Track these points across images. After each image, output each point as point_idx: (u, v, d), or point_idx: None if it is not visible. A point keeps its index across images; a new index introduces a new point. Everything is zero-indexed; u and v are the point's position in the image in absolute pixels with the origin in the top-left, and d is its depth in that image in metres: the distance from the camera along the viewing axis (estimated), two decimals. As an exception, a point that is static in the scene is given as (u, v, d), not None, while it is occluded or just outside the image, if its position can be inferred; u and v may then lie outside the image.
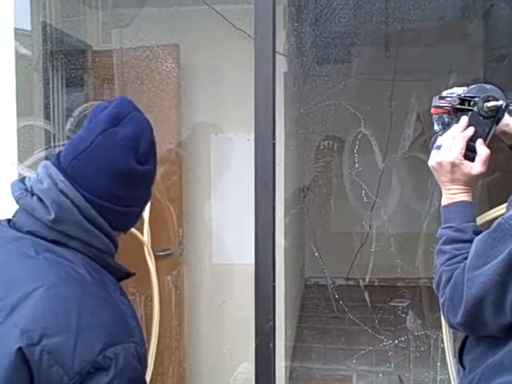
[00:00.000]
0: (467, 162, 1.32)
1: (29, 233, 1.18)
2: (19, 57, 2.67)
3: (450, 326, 1.29)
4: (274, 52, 1.58)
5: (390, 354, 3.60)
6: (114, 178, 1.19)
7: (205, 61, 3.16)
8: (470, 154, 1.34)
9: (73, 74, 3.19)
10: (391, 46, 3.96)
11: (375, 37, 3.69)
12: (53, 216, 1.15)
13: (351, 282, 4.78)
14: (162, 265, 3.05)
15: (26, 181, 1.24)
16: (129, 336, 1.13)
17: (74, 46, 3.26)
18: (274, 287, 1.63)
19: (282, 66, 3.21)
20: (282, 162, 3.26)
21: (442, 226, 1.34)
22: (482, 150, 1.33)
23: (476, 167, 1.32)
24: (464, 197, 1.33)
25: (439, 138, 1.38)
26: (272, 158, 1.60)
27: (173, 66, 3.03)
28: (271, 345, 1.61)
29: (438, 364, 3.18)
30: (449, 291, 1.23)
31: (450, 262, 1.26)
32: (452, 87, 1.43)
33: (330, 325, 4.27)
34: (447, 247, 1.29)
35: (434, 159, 1.36)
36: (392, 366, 3.61)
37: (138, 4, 3.27)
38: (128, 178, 1.20)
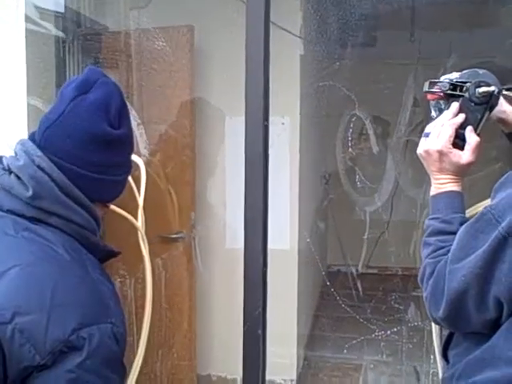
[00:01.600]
0: (456, 151, 1.26)
1: (9, 211, 1.16)
2: (34, 34, 2.67)
3: (434, 321, 1.23)
4: (268, 25, 1.52)
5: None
6: (87, 143, 1.17)
7: (220, 43, 3.11)
8: (459, 142, 1.27)
9: (89, 55, 3.18)
10: (415, 30, 3.84)
11: (397, 20, 3.58)
12: (31, 192, 1.14)
13: (374, 271, 4.73)
14: (171, 248, 3.05)
15: (4, 159, 1.22)
16: (106, 316, 1.11)
17: (92, 27, 3.26)
18: (264, 272, 1.59)
19: (298, 48, 3.14)
20: (296, 147, 3.21)
21: (429, 216, 1.28)
22: (472, 137, 1.26)
23: (465, 156, 1.26)
24: (453, 187, 1.26)
25: (428, 126, 1.32)
26: (263, 141, 1.54)
27: (187, 47, 2.99)
28: (259, 331, 1.57)
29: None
30: (431, 284, 1.18)
31: (434, 254, 1.21)
32: (451, 69, 1.37)
33: (348, 314, 4.21)
34: (432, 239, 1.24)
35: (421, 147, 1.30)
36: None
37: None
38: (102, 142, 1.19)
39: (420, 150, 1.30)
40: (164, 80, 3.00)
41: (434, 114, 1.38)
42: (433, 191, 1.30)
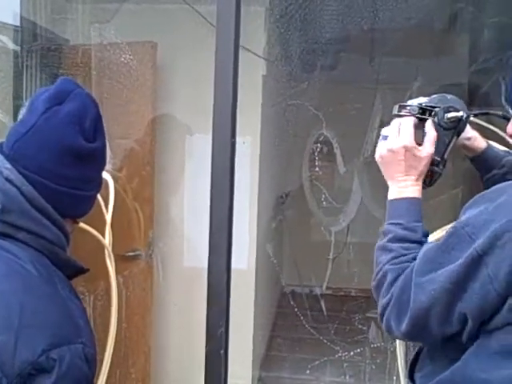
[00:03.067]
0: (419, 146, 1.26)
1: None
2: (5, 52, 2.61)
3: (390, 332, 1.17)
4: (237, 46, 1.53)
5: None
6: (60, 157, 1.13)
7: (182, 59, 3.12)
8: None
9: (49, 69, 3.14)
10: (375, 54, 3.93)
11: (357, 44, 3.66)
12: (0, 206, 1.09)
13: (329, 292, 4.75)
14: (131, 266, 3.00)
15: None
16: (77, 336, 1.07)
17: (52, 41, 3.21)
18: (228, 293, 1.57)
19: (260, 68, 3.17)
20: (256, 166, 3.22)
21: (389, 221, 1.25)
22: (430, 132, 1.27)
23: (425, 148, 1.26)
24: (414, 192, 1.25)
25: (383, 129, 1.33)
26: (230, 159, 1.54)
27: (149, 63, 2.98)
28: (222, 351, 1.55)
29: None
30: (396, 292, 1.13)
31: (396, 260, 1.17)
32: (417, 91, 1.39)
33: (304, 334, 4.22)
34: (394, 245, 1.20)
35: (383, 148, 1.28)
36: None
37: (119, 0, 3.23)
38: (76, 156, 1.14)
39: (382, 152, 1.29)
40: (126, 95, 2.98)
41: None
42: (392, 195, 1.27)
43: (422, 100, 1.33)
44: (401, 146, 1.25)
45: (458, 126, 1.30)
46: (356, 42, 3.57)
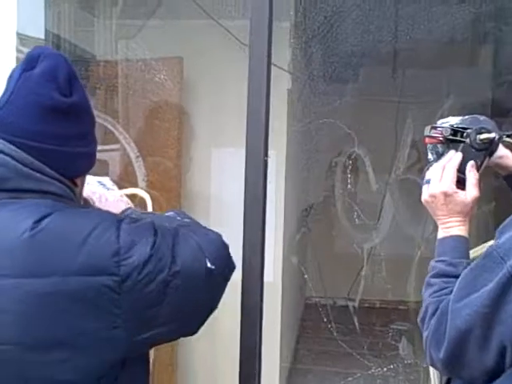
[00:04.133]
0: (460, 191, 1.29)
1: None
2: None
3: (432, 363, 1.20)
4: (269, 66, 1.55)
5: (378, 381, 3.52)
6: (41, 116, 1.13)
7: (207, 75, 3.15)
8: (459, 185, 1.31)
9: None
10: (398, 67, 3.94)
11: (382, 57, 3.67)
12: None
13: (353, 303, 4.73)
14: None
15: None
16: None
17: (79, 56, 3.26)
18: (261, 307, 1.59)
19: (285, 82, 3.19)
20: (282, 180, 3.23)
21: (436, 258, 1.30)
22: (471, 174, 1.30)
23: (469, 192, 1.29)
24: (460, 231, 1.29)
25: (426, 172, 1.35)
26: (263, 176, 1.56)
27: (175, 79, 3.02)
28: (257, 367, 1.56)
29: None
30: (434, 324, 1.17)
31: (437, 293, 1.21)
32: (449, 109, 1.40)
33: (328, 346, 4.20)
34: (436, 280, 1.25)
35: (426, 193, 1.33)
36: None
37: (145, 16, 3.27)
38: (56, 112, 1.15)
39: (425, 196, 1.33)
40: (152, 110, 3.01)
41: (430, 156, 1.41)
42: (440, 235, 1.32)
43: (454, 121, 1.35)
44: (441, 192, 1.29)
45: (490, 146, 1.31)
46: (382, 56, 3.58)
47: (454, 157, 1.32)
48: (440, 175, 1.30)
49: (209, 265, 1.14)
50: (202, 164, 3.25)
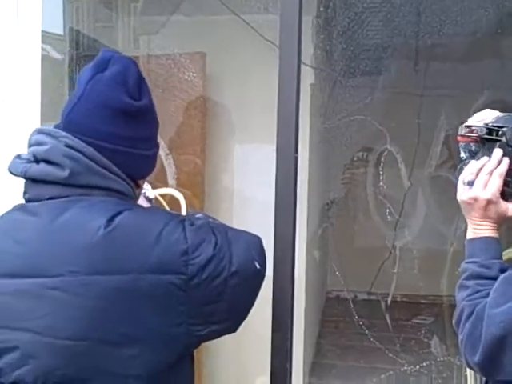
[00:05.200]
0: (503, 202, 1.27)
1: (50, 199, 1.14)
2: (50, 60, 2.67)
3: (468, 366, 1.21)
4: (299, 63, 1.54)
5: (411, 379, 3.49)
6: (111, 117, 1.16)
7: (231, 70, 3.14)
8: (505, 189, 1.28)
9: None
10: (420, 61, 3.89)
11: (404, 51, 3.63)
12: (68, 171, 1.12)
13: (373, 297, 4.72)
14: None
15: (22, 155, 1.20)
16: None
17: (98, 50, 3.26)
18: (292, 305, 1.58)
19: (308, 77, 3.17)
20: (305, 175, 3.22)
21: (466, 260, 1.28)
22: None
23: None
24: (491, 233, 1.27)
25: (466, 170, 1.32)
26: (294, 172, 1.56)
27: (198, 74, 3.02)
28: (288, 365, 1.56)
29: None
30: (468, 327, 1.17)
31: (471, 297, 1.20)
32: (484, 105, 1.38)
33: (351, 341, 4.19)
34: (470, 282, 1.23)
35: (466, 194, 1.29)
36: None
37: (167, 12, 3.27)
38: (125, 115, 1.17)
39: (464, 197, 1.29)
40: (175, 106, 3.01)
41: (463, 155, 1.38)
42: (470, 235, 1.30)
43: (488, 119, 1.32)
44: (484, 199, 1.26)
45: None
46: (411, 50, 3.54)
47: (502, 163, 1.28)
48: (486, 181, 1.27)
49: (257, 266, 1.17)
50: (225, 160, 3.25)
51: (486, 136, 1.29)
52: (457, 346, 1.25)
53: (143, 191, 1.43)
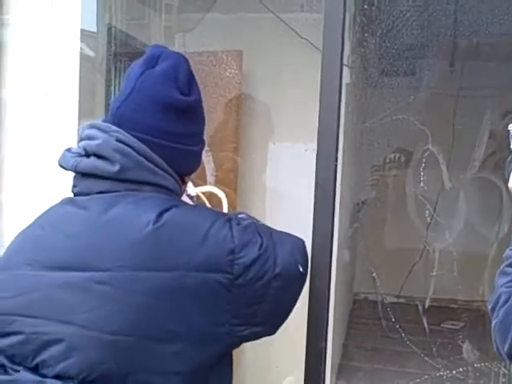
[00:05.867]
0: None
1: (100, 193, 1.14)
2: (84, 58, 2.69)
3: (499, 353, 1.17)
4: (342, 65, 1.52)
5: None
6: (161, 113, 1.16)
7: (267, 69, 3.13)
8: None
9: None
10: (461, 61, 3.83)
11: (443, 50, 3.58)
12: (118, 166, 1.12)
13: (402, 300, 4.67)
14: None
15: (72, 149, 1.21)
16: None
17: (138, 49, 3.28)
18: (328, 305, 1.57)
19: (344, 77, 3.14)
20: (339, 174, 3.19)
21: (510, 246, 1.24)
22: None
23: None
24: None
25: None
26: (333, 173, 1.54)
27: (235, 72, 3.01)
28: (322, 366, 1.55)
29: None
30: (502, 313, 1.14)
31: (511, 283, 1.17)
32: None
33: (379, 344, 4.15)
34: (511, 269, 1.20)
35: None
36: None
37: (203, 9, 3.28)
38: (176, 110, 1.18)
39: None
40: (211, 104, 3.02)
41: None
42: None
43: None
44: None
45: None
46: (449, 50, 3.49)
47: None
48: None
49: (301, 269, 1.17)
50: (259, 158, 3.25)
51: None
52: (493, 352, 1.22)
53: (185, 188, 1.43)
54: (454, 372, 3.42)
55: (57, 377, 1.05)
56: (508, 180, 1.30)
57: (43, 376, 1.06)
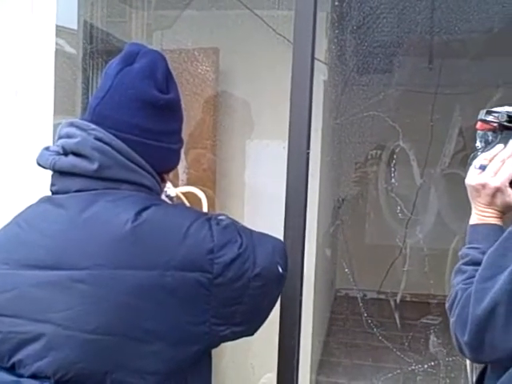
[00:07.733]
0: (511, 191, 1.24)
1: (78, 192, 1.14)
2: (63, 55, 2.67)
3: (459, 348, 1.17)
4: (313, 60, 1.53)
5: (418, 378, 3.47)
6: (139, 110, 1.16)
7: (243, 65, 3.13)
8: None
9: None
10: (435, 58, 3.86)
11: (418, 47, 3.60)
12: (96, 164, 1.12)
13: (383, 296, 4.69)
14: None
15: (50, 147, 1.20)
16: None
17: (115, 46, 3.27)
18: (300, 302, 1.58)
19: (322, 73, 3.16)
20: (317, 172, 3.20)
21: (467, 245, 1.26)
22: None
23: None
24: (495, 221, 1.26)
25: (480, 155, 1.30)
26: (305, 169, 1.55)
27: (211, 69, 3.01)
28: (294, 361, 1.56)
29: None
30: (459, 308, 1.15)
31: (467, 281, 1.18)
32: (499, 101, 1.36)
33: (359, 340, 4.17)
34: (469, 267, 1.21)
35: (475, 179, 1.27)
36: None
37: (179, 6, 3.27)
38: (154, 108, 1.18)
39: (472, 182, 1.28)
40: (188, 101, 3.01)
41: (478, 144, 1.37)
42: (473, 221, 1.29)
43: (510, 108, 1.31)
44: (494, 186, 1.24)
45: None
46: (422, 47, 3.51)
47: None
48: (498, 168, 1.25)
49: (280, 270, 1.17)
50: (236, 156, 3.24)
51: (505, 123, 1.28)
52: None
53: (165, 189, 1.42)
54: (426, 366, 3.46)
55: (33, 376, 1.04)
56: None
57: (19, 376, 1.05)
